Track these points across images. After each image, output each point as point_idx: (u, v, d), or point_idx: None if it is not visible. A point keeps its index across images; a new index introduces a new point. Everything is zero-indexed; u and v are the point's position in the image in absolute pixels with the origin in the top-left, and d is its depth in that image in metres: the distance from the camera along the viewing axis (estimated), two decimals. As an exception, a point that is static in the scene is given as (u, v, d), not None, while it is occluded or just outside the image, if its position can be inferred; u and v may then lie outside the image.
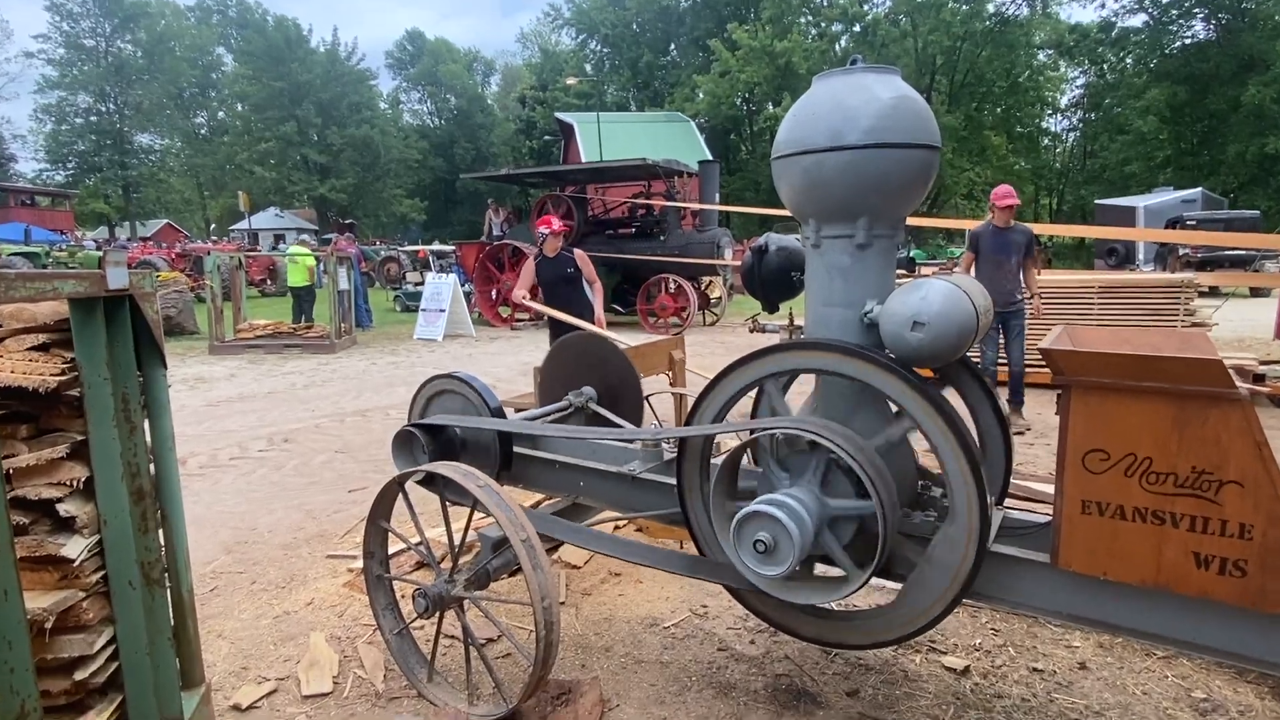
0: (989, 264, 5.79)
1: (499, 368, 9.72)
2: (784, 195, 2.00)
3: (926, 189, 1.92)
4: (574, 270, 5.36)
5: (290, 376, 9.38)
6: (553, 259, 5.35)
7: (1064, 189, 41.24)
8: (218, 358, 11.03)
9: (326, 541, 3.91)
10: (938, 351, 1.74)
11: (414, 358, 10.94)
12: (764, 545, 1.73)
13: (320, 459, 5.55)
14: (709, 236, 13.20)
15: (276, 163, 44.38)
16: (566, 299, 5.34)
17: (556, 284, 5.35)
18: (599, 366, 3.14)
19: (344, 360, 10.71)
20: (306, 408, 7.43)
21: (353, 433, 6.35)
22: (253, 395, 8.15)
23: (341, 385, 8.72)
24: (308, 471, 5.23)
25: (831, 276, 1.95)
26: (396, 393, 8.20)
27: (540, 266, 5.37)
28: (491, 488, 2.12)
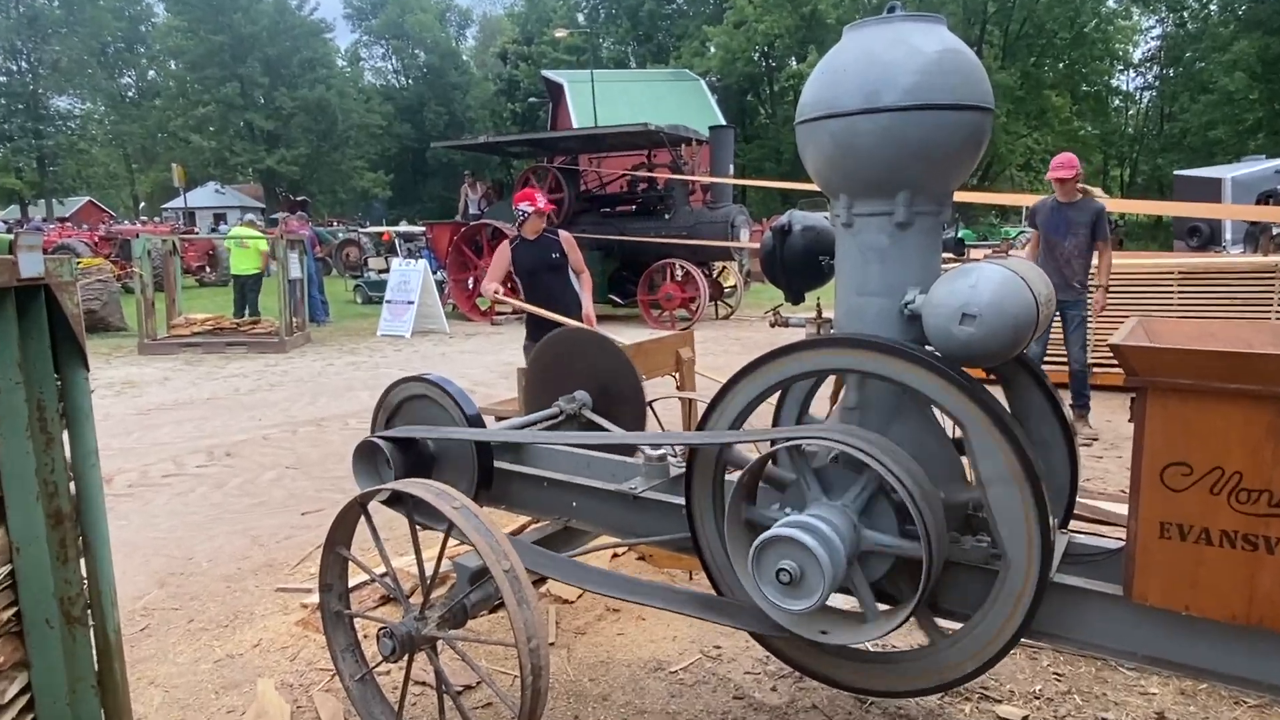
0: (1044, 245, 5.78)
1: (477, 369, 9.73)
2: (810, 166, 2.00)
3: (977, 158, 1.92)
4: (559, 256, 5.17)
5: (233, 380, 9.40)
6: (533, 242, 5.16)
7: (1137, 158, 41.22)
8: (149, 358, 11.05)
9: (276, 573, 3.91)
10: (991, 348, 1.73)
11: (377, 357, 10.95)
12: (789, 575, 1.72)
13: (268, 476, 5.55)
14: (722, 215, 13.21)
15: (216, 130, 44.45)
16: (549, 291, 5.16)
17: (538, 273, 5.16)
18: (594, 367, 3.13)
19: (296, 361, 10.73)
20: (252, 416, 7.44)
21: (306, 445, 6.35)
22: (189, 402, 8.16)
23: (293, 390, 8.73)
24: (254, 491, 5.24)
25: (866, 261, 1.94)
26: (357, 398, 8.20)
27: (518, 252, 5.17)
28: (469, 509, 2.12)
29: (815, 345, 1.91)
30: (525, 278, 5.21)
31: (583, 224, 14.12)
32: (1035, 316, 1.74)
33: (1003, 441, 1.72)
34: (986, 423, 1.73)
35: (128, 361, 10.82)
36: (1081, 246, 5.71)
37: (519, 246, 5.18)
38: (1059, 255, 5.73)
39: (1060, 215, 5.73)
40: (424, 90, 54.96)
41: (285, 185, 45.10)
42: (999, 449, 1.73)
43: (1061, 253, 5.73)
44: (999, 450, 1.73)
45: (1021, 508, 1.73)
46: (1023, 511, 1.73)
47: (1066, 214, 5.72)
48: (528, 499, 2.69)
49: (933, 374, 1.76)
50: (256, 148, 44.92)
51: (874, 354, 1.82)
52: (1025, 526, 1.73)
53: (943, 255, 2.04)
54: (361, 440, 2.59)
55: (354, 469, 2.60)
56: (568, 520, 2.58)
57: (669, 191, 13.78)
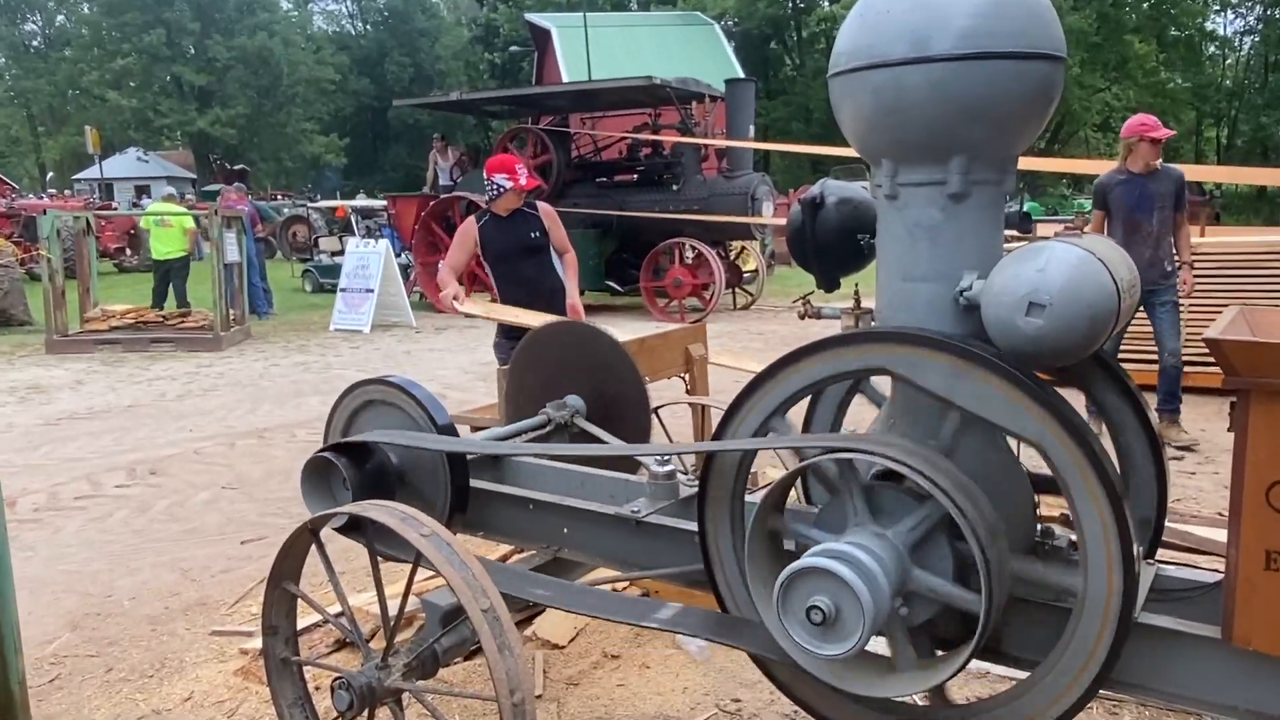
0: (1123, 224, 5.77)
1: (449, 370, 9.74)
2: (846, 127, 1.99)
3: (1046, 116, 1.91)
4: (539, 235, 5.00)
5: (159, 383, 9.41)
6: (506, 220, 4.97)
7: (1237, 116, 41.17)
8: (58, 358, 11.08)
9: (211, 612, 3.92)
10: (1063, 344, 1.72)
11: (330, 357, 10.96)
12: (821, 614, 1.72)
13: (202, 498, 5.56)
14: (741, 185, 13.22)
15: (138, 86, 44.50)
16: (527, 279, 4.99)
17: (512, 257, 4.98)
18: (588, 368, 3.13)
19: (234, 361, 10.75)
20: (182, 427, 7.45)
21: (246, 461, 6.37)
22: (107, 410, 8.18)
23: (230, 395, 8.74)
24: (184, 515, 5.25)
25: (914, 240, 1.93)
26: (307, 405, 8.21)
27: (487, 232, 4.97)
28: (440, 537, 2.12)
29: (853, 341, 1.91)
30: (497, 263, 5.03)
31: (575, 196, 14.14)
32: (1116, 306, 1.73)
33: (1078, 455, 1.71)
34: (1058, 433, 1.72)
35: (33, 362, 10.84)
36: (1168, 222, 5.75)
37: (488, 225, 4.99)
38: (1144, 235, 5.72)
39: (1140, 189, 5.73)
40: (385, 38, 55.02)
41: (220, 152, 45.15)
42: (1073, 465, 1.72)
43: (1148, 232, 5.73)
44: (1073, 466, 1.72)
45: (1100, 534, 1.73)
46: (1101, 539, 1.73)
47: (1147, 187, 5.72)
48: (510, 524, 2.68)
49: (994, 375, 1.76)
50: (186, 107, 44.98)
51: (923, 351, 1.82)
52: (1104, 557, 1.73)
53: (1005, 233, 2.03)
54: (312, 455, 2.60)
55: (303, 489, 2.60)
56: (558, 550, 2.58)
57: (677, 158, 13.78)
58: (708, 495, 2.14)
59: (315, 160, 48.93)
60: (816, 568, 1.73)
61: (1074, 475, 1.73)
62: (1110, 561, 1.72)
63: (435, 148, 16.92)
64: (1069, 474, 1.73)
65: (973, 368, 1.78)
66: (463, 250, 5.08)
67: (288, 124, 47.27)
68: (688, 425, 4.83)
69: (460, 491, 2.63)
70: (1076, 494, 1.73)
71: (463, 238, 5.06)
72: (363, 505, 2.27)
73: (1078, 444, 1.71)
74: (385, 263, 13.31)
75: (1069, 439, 1.72)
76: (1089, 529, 1.73)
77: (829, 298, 2.35)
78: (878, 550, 1.78)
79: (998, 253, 1.93)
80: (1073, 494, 1.73)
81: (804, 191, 2.46)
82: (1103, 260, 1.75)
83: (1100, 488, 1.71)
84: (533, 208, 5.09)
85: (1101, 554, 1.73)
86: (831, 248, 2.33)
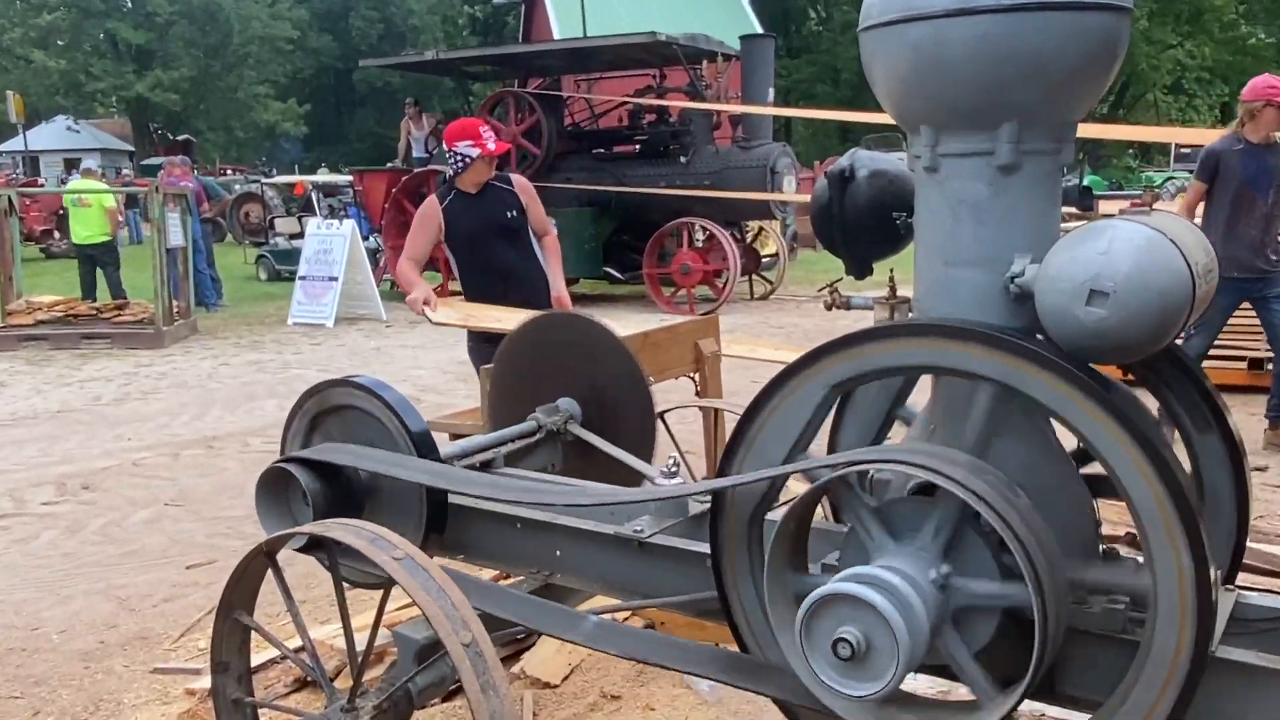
0: (1233, 200, 5.72)
1: (424, 369, 9.75)
2: (879, 89, 1.99)
3: (1109, 76, 1.91)
4: (516, 214, 4.87)
5: (93, 385, 9.43)
6: (474, 198, 4.84)
7: (1330, 76, 40.98)
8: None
9: (152, 647, 3.93)
10: (1129, 337, 1.72)
11: (289, 354, 10.98)
12: (850, 648, 1.72)
13: (141, 516, 5.57)
14: (758, 157, 13.23)
15: (67, 45, 44.47)
16: (503, 266, 4.86)
17: (486, 241, 4.83)
18: (583, 366, 3.13)
19: (178, 359, 10.77)
20: (119, 435, 7.46)
21: (193, 474, 6.38)
22: (33, 415, 8.19)
23: (174, 399, 8.76)
24: (122, 536, 5.25)
25: (958, 218, 1.93)
26: (261, 410, 8.22)
27: (453, 212, 4.82)
28: (415, 560, 2.12)
29: (888, 335, 1.91)
30: (465, 249, 4.88)
31: (568, 170, 14.16)
32: (1190, 294, 1.73)
33: (1145, 466, 1.71)
34: (1123, 441, 1.72)
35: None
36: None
37: (454, 204, 4.85)
38: (1255, 214, 5.68)
39: (1260, 162, 5.66)
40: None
41: (162, 120, 45.15)
42: (1140, 477, 1.72)
43: (1261, 211, 5.68)
44: (1140, 479, 1.72)
45: (1172, 556, 1.72)
46: (1173, 561, 1.73)
47: (1266, 160, 5.67)
48: (495, 546, 2.69)
49: (1050, 374, 1.76)
50: (122, 69, 44.91)
51: (970, 347, 1.81)
52: (1177, 581, 1.73)
53: (1063, 211, 2.03)
54: (268, 467, 2.60)
55: (258, 506, 2.60)
56: (549, 575, 2.58)
57: (685, 126, 13.80)
58: (722, 512, 2.14)
59: (270, 129, 48.85)
60: (843, 594, 1.74)
61: (1138, 486, 1.72)
62: (1183, 588, 1.72)
63: (408, 115, 16.97)
64: (1131, 485, 1.73)
65: (1026, 363, 1.78)
66: (424, 236, 4.89)
67: (239, 88, 47.16)
68: (697, 431, 4.83)
69: (437, 508, 2.63)
70: (1141, 508, 1.73)
71: (424, 221, 4.90)
72: (326, 524, 2.27)
73: (1143, 452, 1.71)
74: (351, 247, 13.32)
75: (1133, 446, 1.72)
76: (1158, 551, 1.73)
77: (860, 285, 2.35)
78: (908, 569, 1.78)
79: (1054, 233, 1.93)
80: (1137, 508, 1.73)
81: (831, 164, 2.46)
82: (1175, 241, 1.74)
83: (1170, 502, 1.71)
84: (506, 182, 4.94)
85: (1173, 580, 1.73)
86: (863, 228, 2.33)
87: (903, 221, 2.25)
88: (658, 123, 14.31)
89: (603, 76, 15.97)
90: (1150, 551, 1.75)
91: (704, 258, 13.52)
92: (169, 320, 11.83)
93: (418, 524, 2.62)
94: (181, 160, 17.53)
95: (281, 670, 3.43)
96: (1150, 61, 36.00)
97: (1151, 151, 36.52)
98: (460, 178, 4.84)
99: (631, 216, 14.07)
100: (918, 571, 1.78)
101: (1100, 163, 34.71)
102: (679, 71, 14.09)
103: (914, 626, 1.71)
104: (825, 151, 32.12)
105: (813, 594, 1.78)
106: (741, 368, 5.37)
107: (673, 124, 13.99)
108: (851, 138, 33.28)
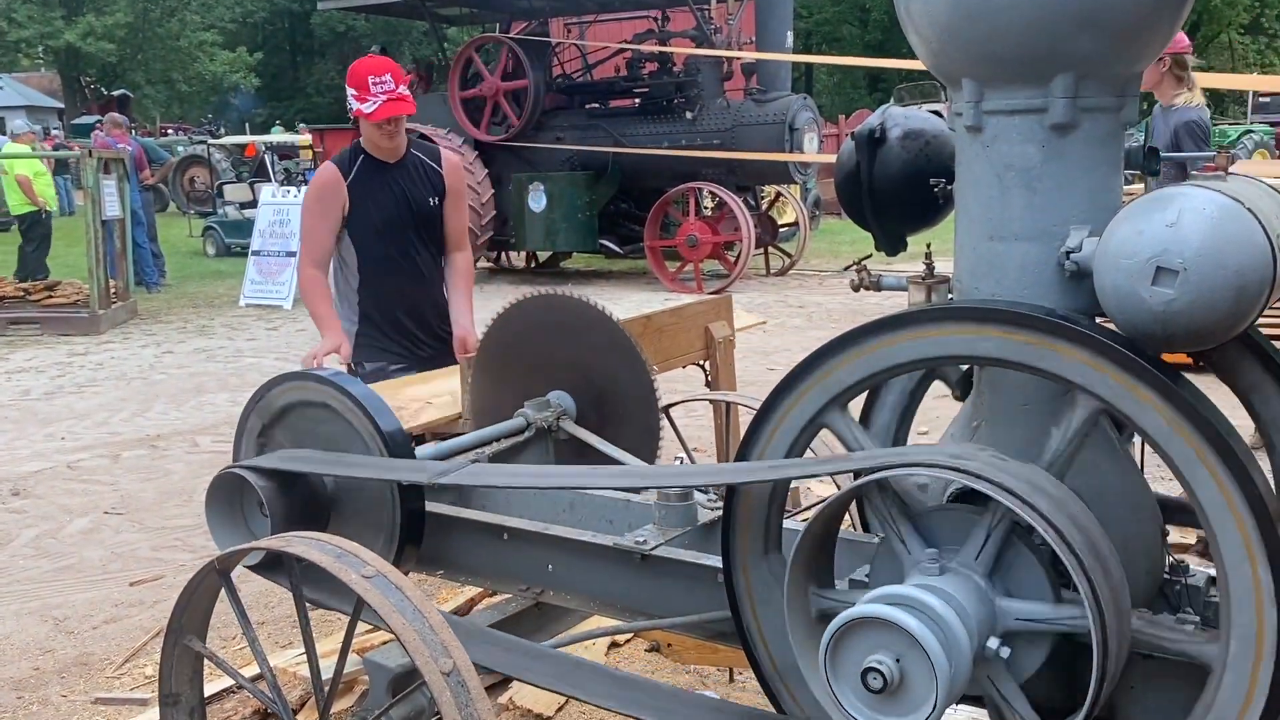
0: None
1: (396, 356, 9.72)
2: (914, 36, 1.98)
3: (1179, 20, 1.90)
4: (436, 203, 4.29)
5: (21, 378, 9.43)
6: (390, 169, 4.20)
7: None
8: (-112, 344, 11.09)
9: (93, 674, 3.93)
10: (1202, 322, 1.71)
11: (242, 340, 10.98)
12: (882, 678, 1.72)
13: (78, 526, 5.57)
14: (775, 111, 13.21)
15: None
16: (418, 275, 4.28)
17: (398, 231, 4.20)
18: (577, 354, 3.13)
19: (116, 347, 10.77)
20: (51, 434, 7.46)
21: (135, 478, 6.38)
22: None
23: (113, 392, 8.76)
24: (56, 549, 5.26)
25: (1005, 185, 1.93)
26: (211, 404, 8.22)
27: (360, 188, 4.16)
28: (388, 579, 2.12)
29: (925, 319, 1.90)
30: (368, 241, 4.20)
31: (558, 129, 14.13)
32: (1272, 271, 1.72)
33: (1218, 470, 1.71)
34: (1194, 441, 1.72)
35: None
36: None
37: (360, 175, 4.17)
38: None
39: None
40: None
41: (95, 73, 45.04)
42: (1212, 482, 1.72)
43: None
44: (1212, 484, 1.72)
45: (1248, 573, 1.72)
46: (1250, 579, 1.73)
47: None
48: (478, 560, 2.69)
49: (1109, 363, 1.76)
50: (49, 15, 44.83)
51: (1020, 333, 1.81)
52: (1253, 602, 1.73)
53: (1126, 175, 2.02)
54: (220, 472, 2.60)
55: (209, 516, 2.61)
56: (540, 593, 2.58)
57: (692, 76, 13.77)
58: (735, 521, 2.14)
59: (218, 82, 48.76)
60: (872, 617, 1.74)
61: (1210, 492, 1.72)
62: (1260, 608, 1.72)
63: (375, 66, 16.87)
64: (1203, 490, 1.73)
65: (1084, 352, 1.77)
66: (325, 222, 4.15)
67: (181, 35, 47.05)
68: (707, 427, 4.83)
69: (413, 518, 2.63)
70: (1214, 517, 1.72)
71: (322, 198, 4.16)
72: (286, 538, 2.27)
73: (1216, 454, 1.70)
74: (311, 217, 13.31)
75: (1204, 448, 1.71)
76: (1232, 566, 1.73)
77: (892, 262, 2.35)
78: (950, 590, 1.78)
79: (1115, 202, 1.93)
80: (1209, 518, 1.73)
81: (859, 120, 2.45)
82: (1253, 210, 1.74)
83: (1247, 511, 1.70)
84: (433, 156, 4.35)
85: (1249, 598, 1.72)
86: (895, 198, 2.33)
87: (941, 189, 2.25)
88: (660, 73, 14.29)
89: (597, 20, 15.93)
90: (1223, 565, 1.75)
91: (713, 228, 13.52)
92: (105, 303, 11.83)
93: (390, 536, 2.62)
94: (112, 119, 17.50)
95: (239, 701, 3.44)
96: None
97: (1226, 101, 36.38)
98: (373, 138, 4.16)
99: (631, 181, 14.05)
100: (960, 592, 1.78)
101: (1165, 116, 34.61)
102: (684, 13, 14.05)
103: (955, 655, 1.71)
104: (851, 105, 32.06)
105: (840, 616, 1.78)
106: (759, 353, 5.36)
107: (677, 74, 13.97)
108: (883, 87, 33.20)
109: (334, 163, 4.23)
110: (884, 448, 2.44)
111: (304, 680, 3.40)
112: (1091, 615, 1.67)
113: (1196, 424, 1.72)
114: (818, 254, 15.78)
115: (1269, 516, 1.72)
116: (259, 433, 2.85)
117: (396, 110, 4.02)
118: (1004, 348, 1.84)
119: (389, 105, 3.99)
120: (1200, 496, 1.74)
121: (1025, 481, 1.77)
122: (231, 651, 3.85)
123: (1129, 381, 1.76)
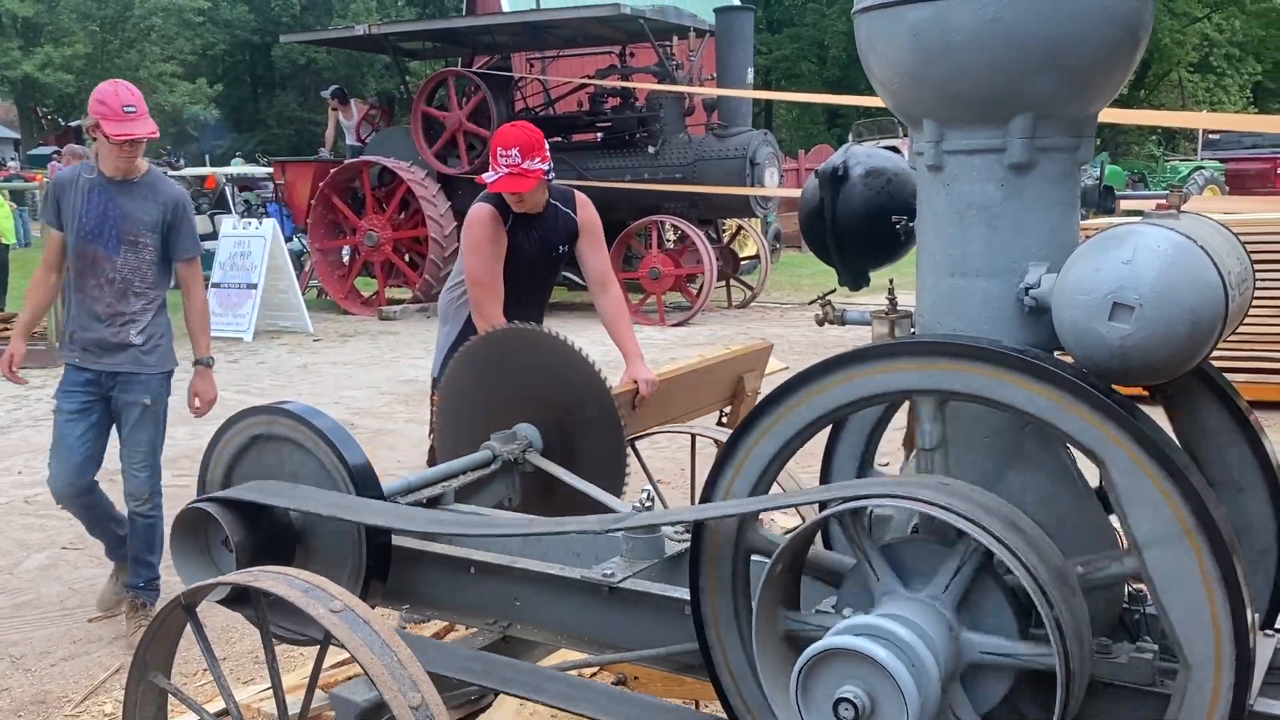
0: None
1: (358, 389, 9.70)
2: (876, 77, 2.01)
3: (1133, 62, 1.94)
4: (565, 250, 4.33)
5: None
6: (533, 218, 4.18)
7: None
8: None
9: (51, 713, 3.89)
10: (1157, 356, 1.75)
11: (201, 373, 10.84)
12: (854, 709, 1.73)
13: (35, 561, 5.51)
14: (736, 146, 13.30)
15: (-59, 18, 43.97)
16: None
17: (529, 277, 4.26)
18: (544, 386, 3.14)
19: (72, 379, 10.61)
20: (7, 468, 7.37)
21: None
22: (-96, 446, 8.07)
23: (68, 425, 8.63)
24: (13, 585, 5.19)
25: (965, 223, 1.96)
26: (173, 438, 8.05)
27: (514, 233, 4.15)
28: (355, 613, 2.12)
29: (886, 355, 1.92)
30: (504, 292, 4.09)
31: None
32: (1224, 307, 1.76)
33: (1174, 497, 1.74)
34: (1149, 470, 1.75)
35: None
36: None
37: (514, 224, 4.15)
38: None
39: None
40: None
41: (52, 104, 44.66)
42: (1167, 510, 1.75)
43: None
44: (1168, 512, 1.75)
45: (1204, 598, 1.75)
46: (1206, 604, 1.75)
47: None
48: (445, 594, 2.69)
49: (1067, 396, 1.78)
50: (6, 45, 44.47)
51: (980, 368, 1.83)
52: (1210, 627, 1.75)
53: (1082, 212, 2.06)
54: (185, 507, 2.59)
55: (173, 550, 2.59)
56: (507, 626, 2.59)
57: (654, 111, 13.84)
58: (703, 552, 2.15)
59: (177, 114, 48.50)
60: (843, 649, 1.75)
61: (1163, 521, 1.74)
62: (1218, 634, 1.74)
63: (333, 103, 16.74)
64: (1158, 521, 1.75)
65: (1045, 387, 1.79)
66: (498, 260, 4.10)
67: (140, 66, 46.71)
68: (670, 459, 4.84)
69: (380, 552, 2.63)
70: (1169, 550, 1.75)
71: (490, 237, 4.08)
72: (252, 573, 2.27)
73: (1172, 482, 1.73)
74: (272, 249, 13.24)
75: (1160, 476, 1.73)
76: (1188, 592, 1.75)
77: (855, 297, 2.38)
78: (918, 620, 1.80)
79: (1072, 239, 1.96)
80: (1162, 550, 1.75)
81: (820, 155, 2.49)
82: (1205, 248, 1.77)
83: (1204, 540, 1.73)
84: (566, 199, 4.31)
85: (1205, 624, 1.75)
86: (858, 234, 2.35)
87: (903, 226, 2.27)
88: (622, 107, 14.34)
89: (559, 55, 15.98)
90: (1179, 594, 1.77)
91: (676, 260, 13.58)
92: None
93: (356, 570, 2.62)
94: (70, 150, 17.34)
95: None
96: (1174, 36, 36.46)
97: (1177, 138, 36.91)
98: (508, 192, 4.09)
99: (594, 214, 14.08)
100: (929, 623, 1.80)
101: (1120, 151, 35.10)
102: (646, 49, 14.12)
103: (925, 686, 1.72)
104: (811, 139, 32.28)
105: (811, 648, 1.79)
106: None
107: (639, 109, 14.02)
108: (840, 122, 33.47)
109: (488, 204, 4.13)
110: (850, 479, 2.48)
111: (269, 716, 3.38)
112: (1059, 656, 1.69)
113: (1153, 454, 1.75)
114: (778, 286, 15.85)
115: (1227, 548, 1.73)
116: (224, 468, 2.85)
117: (517, 187, 3.99)
118: (965, 382, 1.86)
119: (512, 180, 3.98)
120: (1153, 526, 1.77)
121: (1000, 519, 1.78)
122: (194, 687, 3.81)
123: (1083, 411, 1.78)
